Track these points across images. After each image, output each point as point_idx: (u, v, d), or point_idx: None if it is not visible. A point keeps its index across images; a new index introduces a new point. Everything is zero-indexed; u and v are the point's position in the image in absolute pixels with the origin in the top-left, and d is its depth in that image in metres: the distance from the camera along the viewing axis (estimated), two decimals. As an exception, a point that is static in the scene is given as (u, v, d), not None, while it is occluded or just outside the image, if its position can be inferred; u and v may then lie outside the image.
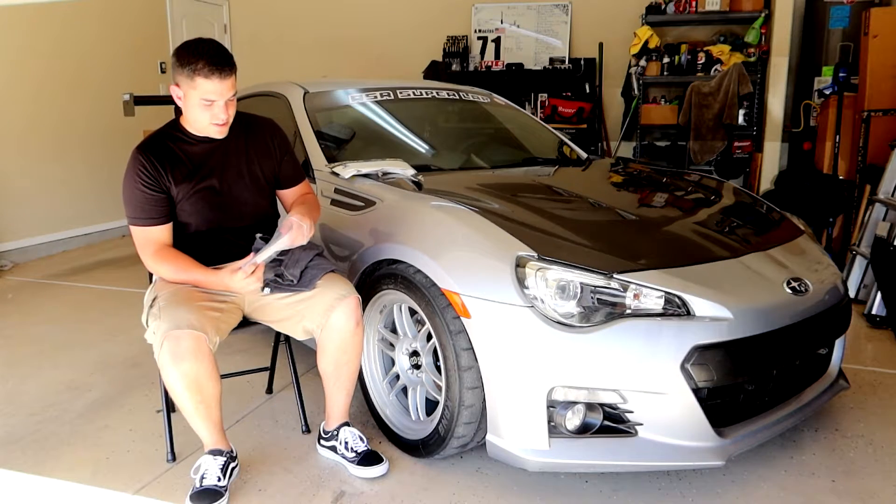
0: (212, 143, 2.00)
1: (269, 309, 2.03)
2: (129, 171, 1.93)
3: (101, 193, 5.62)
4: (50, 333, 3.35)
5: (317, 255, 2.04)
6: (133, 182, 1.92)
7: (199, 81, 1.84)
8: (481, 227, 1.96)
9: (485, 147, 3.26)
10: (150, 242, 1.94)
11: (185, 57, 1.84)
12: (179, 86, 1.88)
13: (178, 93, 1.90)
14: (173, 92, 1.92)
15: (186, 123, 1.98)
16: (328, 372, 2.03)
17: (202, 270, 1.93)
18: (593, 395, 1.79)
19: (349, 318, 1.94)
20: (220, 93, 1.86)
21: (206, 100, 1.86)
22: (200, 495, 1.84)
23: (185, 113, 1.95)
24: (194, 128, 1.97)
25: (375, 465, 2.02)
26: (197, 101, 1.87)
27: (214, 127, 1.94)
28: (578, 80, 5.85)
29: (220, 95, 1.87)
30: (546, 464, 1.81)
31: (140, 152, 1.93)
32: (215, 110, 1.89)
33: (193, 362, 1.75)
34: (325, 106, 2.97)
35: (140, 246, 1.95)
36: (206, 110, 1.89)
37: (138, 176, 1.91)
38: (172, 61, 1.88)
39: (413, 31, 6.37)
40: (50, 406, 2.54)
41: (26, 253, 5.03)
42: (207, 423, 1.88)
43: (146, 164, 1.91)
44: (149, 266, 1.97)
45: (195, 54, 1.83)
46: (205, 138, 1.99)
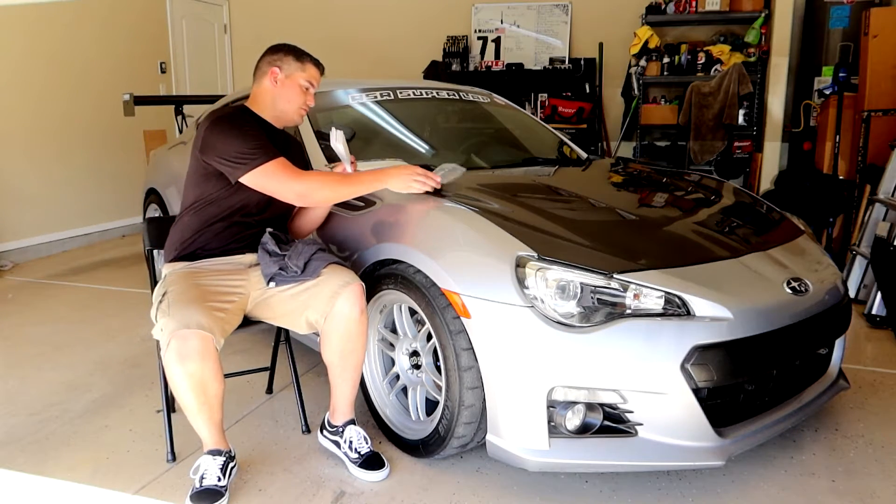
0: (271, 131, 2.13)
1: (273, 303, 2.04)
2: (236, 123, 2.03)
3: (101, 193, 5.63)
4: (50, 333, 3.35)
5: (319, 250, 2.06)
6: (245, 128, 2.02)
7: (308, 66, 2.14)
8: (481, 227, 1.96)
9: (485, 147, 3.26)
10: (288, 169, 2.01)
11: (291, 50, 2.15)
12: (281, 69, 2.11)
13: (280, 75, 2.11)
14: (273, 75, 2.11)
15: (258, 107, 2.14)
16: (334, 363, 2.02)
17: (358, 178, 2.08)
18: (593, 395, 1.79)
19: (353, 305, 1.94)
20: (318, 81, 2.18)
21: (309, 83, 2.14)
22: (201, 495, 1.84)
23: (278, 95, 2.12)
24: (274, 112, 2.15)
25: (377, 469, 2.01)
26: (299, 84, 2.12)
27: (301, 112, 2.16)
28: (578, 80, 5.85)
29: (317, 84, 2.18)
30: (546, 464, 1.81)
31: (239, 111, 2.11)
32: (308, 97, 2.15)
33: (199, 362, 1.75)
34: (325, 106, 2.97)
35: (282, 180, 2.00)
36: (303, 95, 2.14)
37: (247, 124, 2.05)
38: (273, 52, 2.14)
39: (413, 31, 6.37)
40: (50, 406, 2.54)
41: (26, 253, 5.03)
42: (209, 424, 1.89)
43: (248, 118, 2.09)
44: (301, 192, 2.02)
45: (301, 50, 2.17)
46: (268, 125, 2.14)
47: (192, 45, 6.58)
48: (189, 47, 6.55)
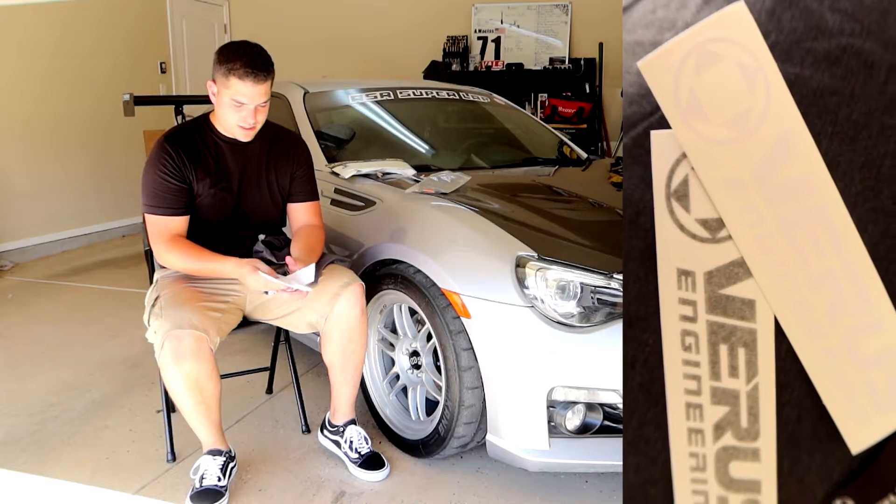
0: (236, 145, 2.01)
1: (272, 305, 2.03)
2: (153, 160, 1.93)
3: (101, 193, 5.63)
4: (50, 333, 3.35)
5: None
6: (156, 170, 1.92)
7: (232, 81, 1.85)
8: (481, 227, 1.96)
9: (485, 147, 3.26)
10: (165, 231, 1.93)
11: (225, 55, 1.87)
12: (215, 82, 1.90)
13: (213, 89, 1.92)
14: (209, 87, 1.94)
15: (216, 121, 2.00)
16: (334, 363, 2.02)
17: (215, 257, 1.91)
18: (593, 395, 1.79)
19: (354, 305, 1.93)
20: (251, 97, 1.87)
21: (236, 101, 1.88)
22: (201, 495, 1.84)
23: (216, 110, 1.97)
24: (222, 126, 1.99)
25: (377, 469, 2.01)
26: (228, 101, 1.89)
27: (241, 130, 1.95)
28: (578, 80, 5.85)
29: (250, 99, 1.88)
30: (546, 464, 1.81)
31: (167, 142, 1.94)
32: (244, 113, 1.90)
33: (194, 363, 1.75)
34: (325, 106, 2.98)
35: (154, 234, 1.94)
36: (236, 112, 1.90)
37: (163, 165, 1.91)
38: (214, 58, 1.90)
39: (413, 31, 6.37)
40: (50, 406, 2.54)
41: (26, 253, 5.03)
42: (207, 424, 1.89)
43: (172, 153, 1.92)
44: (159, 254, 1.96)
45: (235, 54, 1.85)
46: (231, 139, 2.00)
47: (192, 45, 6.58)
48: (189, 47, 6.55)
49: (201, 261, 1.91)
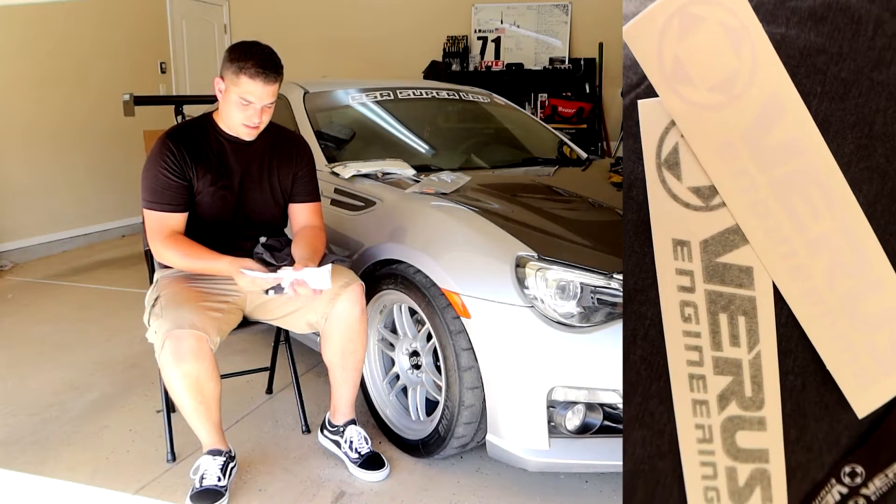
0: (239, 144, 2.02)
1: (272, 305, 2.03)
2: (154, 156, 1.94)
3: (101, 193, 5.63)
4: (50, 333, 3.35)
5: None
6: (157, 166, 1.92)
7: (243, 80, 1.86)
8: (481, 227, 1.96)
9: (485, 147, 3.26)
10: (163, 228, 1.93)
11: (236, 53, 1.88)
12: (223, 79, 1.91)
13: (221, 86, 1.93)
14: (216, 84, 1.94)
15: (220, 119, 2.01)
16: (334, 363, 2.02)
17: (211, 255, 1.91)
18: (593, 395, 1.79)
19: (354, 305, 1.93)
20: (259, 96, 1.89)
21: (244, 99, 1.89)
22: (201, 495, 1.84)
23: (222, 108, 1.97)
24: (226, 124, 1.99)
25: (377, 469, 2.01)
26: (236, 99, 1.89)
27: (245, 128, 1.95)
28: (578, 80, 5.86)
29: (258, 99, 1.89)
30: (546, 464, 1.81)
31: (169, 139, 1.95)
32: (250, 112, 1.91)
33: (195, 363, 1.75)
34: (325, 106, 2.98)
35: (152, 230, 1.95)
36: (242, 110, 1.91)
37: (164, 161, 1.92)
38: (224, 56, 1.91)
39: (413, 31, 6.37)
40: (50, 406, 2.54)
41: (26, 253, 5.03)
42: (207, 424, 1.89)
43: (174, 150, 1.93)
44: (156, 250, 1.96)
45: (248, 54, 1.87)
46: (234, 138, 2.01)
47: (192, 45, 6.58)
48: (189, 47, 6.55)
49: (198, 258, 1.91)
